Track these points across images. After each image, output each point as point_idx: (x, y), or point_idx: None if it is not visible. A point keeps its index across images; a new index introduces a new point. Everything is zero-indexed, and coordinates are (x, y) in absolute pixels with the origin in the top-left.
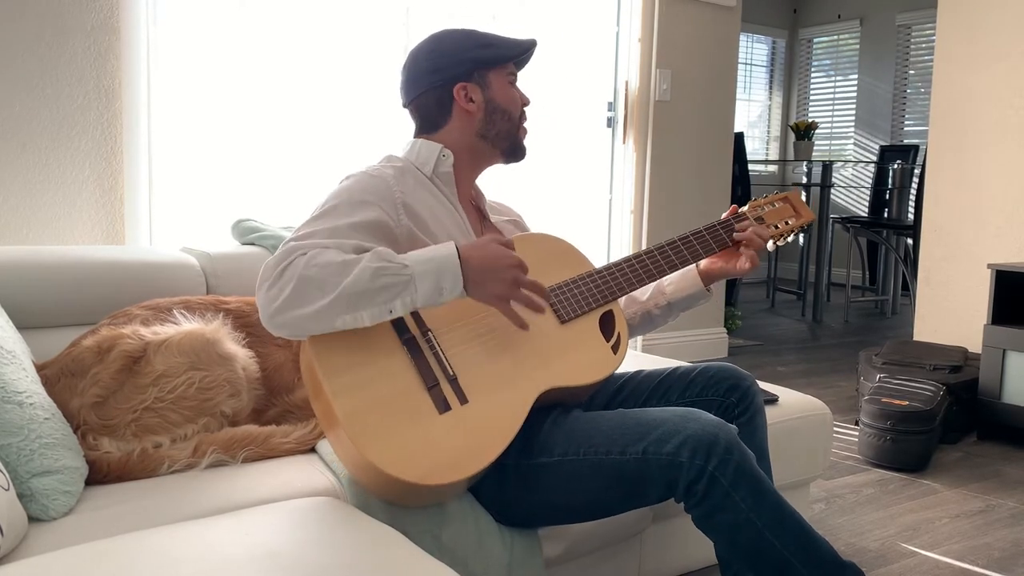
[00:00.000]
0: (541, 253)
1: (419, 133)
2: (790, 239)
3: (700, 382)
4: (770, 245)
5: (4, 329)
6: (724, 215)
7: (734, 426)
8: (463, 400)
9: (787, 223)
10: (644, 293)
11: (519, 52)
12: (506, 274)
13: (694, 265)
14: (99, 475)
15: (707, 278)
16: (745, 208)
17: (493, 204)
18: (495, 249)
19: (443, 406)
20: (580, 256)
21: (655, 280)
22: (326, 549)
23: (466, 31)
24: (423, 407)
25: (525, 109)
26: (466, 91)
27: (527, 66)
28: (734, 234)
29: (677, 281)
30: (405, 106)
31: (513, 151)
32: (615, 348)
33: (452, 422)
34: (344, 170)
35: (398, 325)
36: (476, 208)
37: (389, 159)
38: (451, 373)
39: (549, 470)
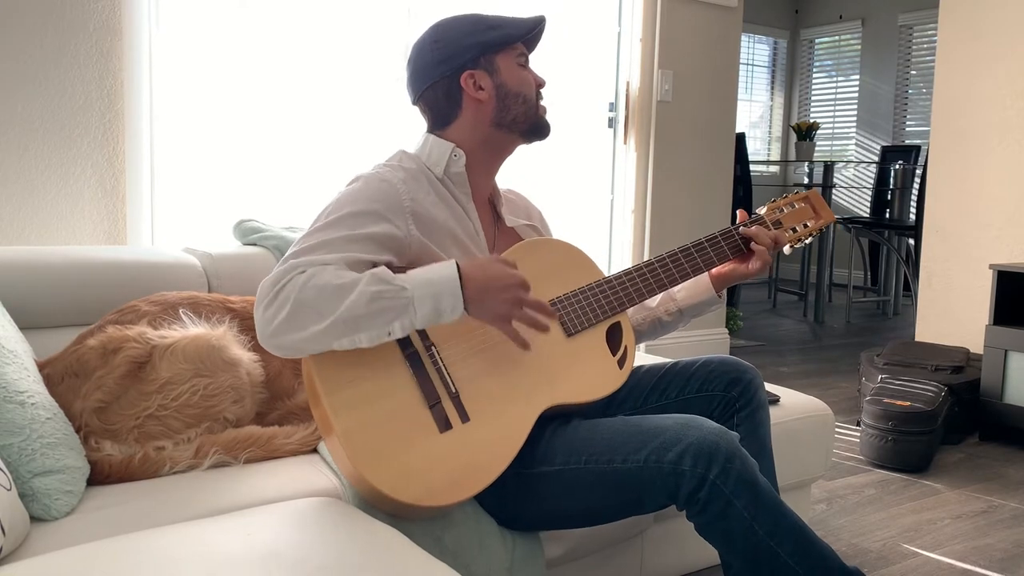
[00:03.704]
0: (550, 260)
1: (431, 130)
2: (808, 241)
3: (700, 376)
4: (787, 249)
5: (6, 328)
6: (738, 220)
7: (736, 433)
8: (464, 418)
9: (806, 225)
10: (654, 300)
11: (526, 31)
12: (507, 294)
13: None
14: (101, 476)
15: (719, 283)
16: (763, 210)
17: (512, 198)
18: (497, 269)
19: (444, 424)
20: (590, 263)
21: (667, 289)
22: (328, 549)
23: (469, 16)
24: (424, 425)
25: (541, 91)
26: (474, 79)
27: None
28: (742, 232)
29: (689, 287)
30: (414, 103)
31: (534, 130)
32: (621, 362)
33: (452, 442)
34: (345, 171)
35: (401, 339)
36: (492, 208)
37: (401, 158)
38: (453, 390)
39: (550, 479)
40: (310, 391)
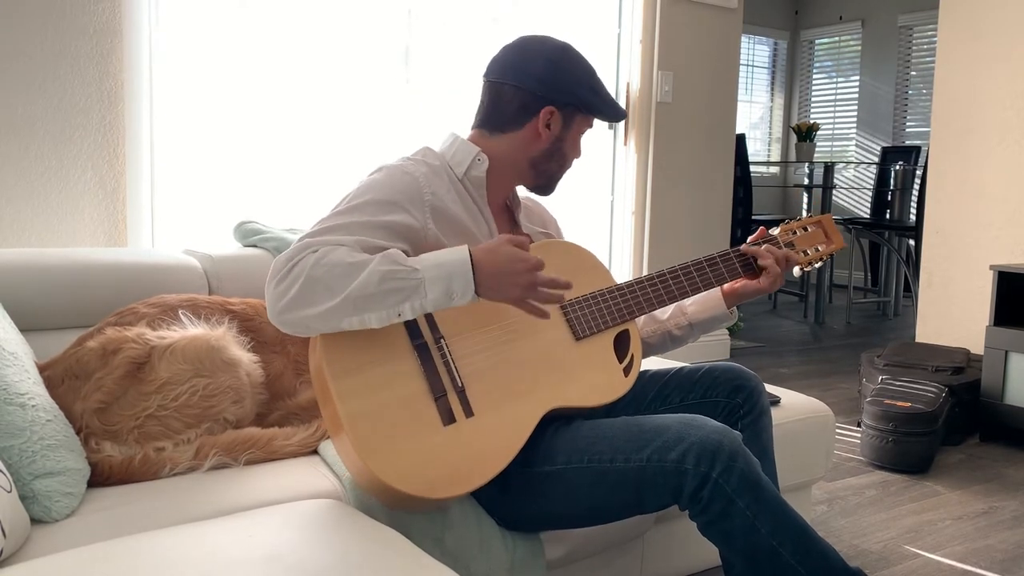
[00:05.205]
0: (562, 263)
1: (477, 124)
2: (818, 265)
3: (704, 383)
4: (797, 271)
5: (6, 331)
6: (752, 237)
7: (738, 432)
8: (469, 413)
9: (817, 249)
10: (664, 312)
11: (610, 116)
12: (521, 278)
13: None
14: (101, 477)
15: (731, 299)
16: (776, 231)
17: (529, 205)
18: (509, 252)
19: (448, 418)
20: (602, 269)
21: (677, 301)
22: (328, 551)
23: (588, 66)
24: (428, 417)
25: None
26: (551, 117)
27: None
28: (759, 260)
29: (700, 301)
30: (488, 78)
31: (544, 188)
32: (627, 370)
33: (456, 435)
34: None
35: (411, 329)
36: (509, 213)
37: (425, 154)
38: (459, 384)
39: (552, 478)
40: (318, 384)
